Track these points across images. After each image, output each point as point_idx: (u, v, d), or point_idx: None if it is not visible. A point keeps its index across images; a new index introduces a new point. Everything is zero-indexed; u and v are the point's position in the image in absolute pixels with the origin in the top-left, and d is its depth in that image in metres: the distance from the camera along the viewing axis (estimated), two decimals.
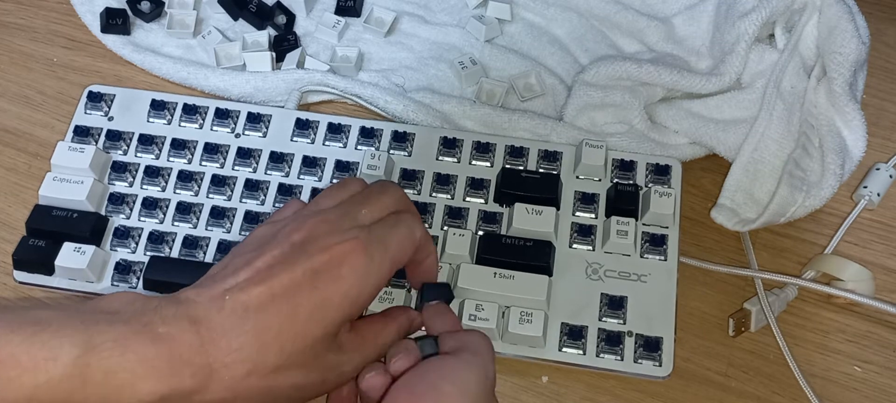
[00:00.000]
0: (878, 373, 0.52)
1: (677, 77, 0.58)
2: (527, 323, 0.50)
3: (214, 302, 0.39)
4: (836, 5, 0.56)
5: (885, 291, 0.55)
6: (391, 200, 0.46)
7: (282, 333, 0.40)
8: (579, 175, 0.56)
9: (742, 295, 0.54)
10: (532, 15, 0.66)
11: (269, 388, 0.40)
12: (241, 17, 0.66)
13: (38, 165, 0.60)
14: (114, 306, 0.39)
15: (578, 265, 0.53)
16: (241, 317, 0.39)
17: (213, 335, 0.38)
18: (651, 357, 0.50)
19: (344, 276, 0.41)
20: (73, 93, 0.63)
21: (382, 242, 0.43)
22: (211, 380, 0.38)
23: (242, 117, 0.59)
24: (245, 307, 0.39)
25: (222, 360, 0.38)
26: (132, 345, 0.37)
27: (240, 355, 0.39)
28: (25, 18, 0.67)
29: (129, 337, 0.37)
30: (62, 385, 0.36)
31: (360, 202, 0.45)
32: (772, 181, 0.55)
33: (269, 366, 0.39)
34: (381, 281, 0.43)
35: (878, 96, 0.62)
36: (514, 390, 0.52)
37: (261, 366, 0.39)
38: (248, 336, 0.39)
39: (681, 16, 0.63)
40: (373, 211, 0.45)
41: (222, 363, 0.38)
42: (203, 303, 0.39)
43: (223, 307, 0.39)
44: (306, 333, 0.40)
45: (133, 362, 0.37)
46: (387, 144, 0.58)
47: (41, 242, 0.54)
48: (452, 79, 0.63)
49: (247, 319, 0.39)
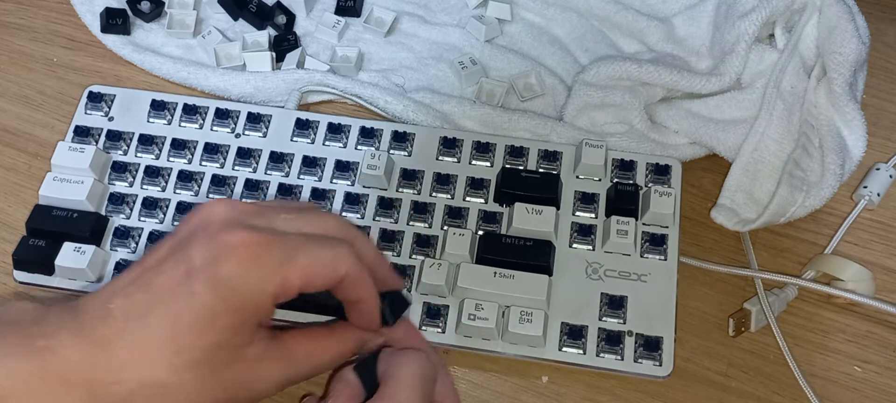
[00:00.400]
0: (878, 373, 0.52)
1: (677, 77, 0.58)
2: (527, 322, 0.50)
3: (101, 310, 0.36)
4: (836, 5, 0.56)
5: (885, 291, 0.55)
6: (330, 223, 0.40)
7: (167, 344, 0.35)
8: (579, 175, 0.56)
9: (742, 295, 0.54)
10: (532, 15, 0.66)
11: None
12: (241, 17, 0.66)
13: (38, 165, 0.60)
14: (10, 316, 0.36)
15: (578, 265, 0.53)
16: (122, 328, 0.35)
17: (95, 349, 0.35)
18: (651, 357, 0.50)
19: (225, 277, 0.35)
20: (73, 93, 0.63)
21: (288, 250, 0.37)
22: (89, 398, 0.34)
23: (242, 117, 0.59)
24: (126, 316, 0.35)
25: (104, 378, 0.34)
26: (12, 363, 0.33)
27: (123, 374, 0.35)
28: (25, 18, 0.67)
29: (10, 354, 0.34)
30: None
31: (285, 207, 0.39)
32: (772, 181, 0.55)
33: (157, 383, 0.35)
34: (275, 291, 0.36)
35: (878, 96, 0.62)
36: (514, 390, 0.52)
37: (149, 386, 0.35)
38: (131, 349, 0.35)
39: (681, 16, 0.63)
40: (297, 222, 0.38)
41: (105, 381, 0.34)
42: (91, 311, 0.36)
43: (108, 315, 0.35)
44: (194, 344, 0.35)
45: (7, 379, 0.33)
46: (387, 144, 0.58)
47: (41, 242, 0.54)
48: (452, 79, 0.63)
49: (129, 330, 0.35)
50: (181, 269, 0.36)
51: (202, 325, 0.35)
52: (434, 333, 0.51)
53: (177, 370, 0.35)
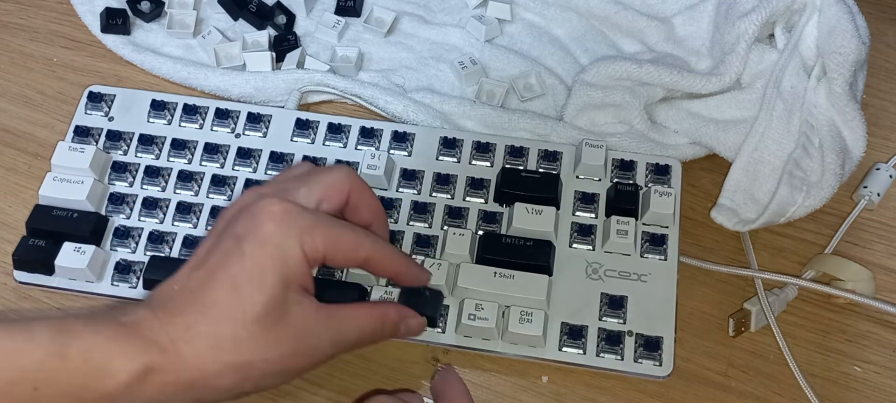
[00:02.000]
0: (878, 373, 0.52)
1: (677, 77, 0.58)
2: (527, 322, 0.50)
3: (168, 291, 0.42)
4: (836, 5, 0.56)
5: (885, 291, 0.55)
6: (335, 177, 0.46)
7: (229, 306, 0.41)
8: (579, 175, 0.56)
9: (742, 295, 0.54)
10: (532, 15, 0.66)
11: (237, 366, 0.41)
12: (241, 17, 0.66)
13: (38, 165, 0.60)
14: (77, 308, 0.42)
15: (578, 264, 0.53)
16: (191, 299, 0.41)
17: (170, 317, 0.40)
18: (651, 357, 0.50)
19: (266, 236, 0.42)
20: (73, 93, 0.63)
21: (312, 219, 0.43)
22: (178, 357, 0.40)
23: (242, 117, 0.59)
24: (191, 290, 0.41)
25: (182, 336, 0.40)
26: (102, 329, 0.39)
27: (196, 330, 0.40)
28: (25, 18, 0.67)
29: (98, 322, 0.40)
30: (44, 365, 0.38)
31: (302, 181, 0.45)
32: (772, 181, 0.55)
33: (228, 338, 0.40)
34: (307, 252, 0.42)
35: (878, 96, 0.62)
36: (514, 390, 0.52)
37: (221, 340, 0.40)
38: (199, 313, 0.41)
39: (681, 16, 0.63)
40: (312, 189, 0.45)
41: (183, 339, 0.40)
42: (160, 295, 0.42)
43: (174, 294, 0.42)
44: (253, 299, 0.41)
45: (105, 341, 0.39)
46: (387, 144, 0.58)
47: (41, 242, 0.54)
48: (452, 79, 0.63)
49: (194, 300, 0.41)
50: (230, 243, 0.42)
51: (256, 281, 0.41)
52: (434, 333, 0.51)
53: (243, 324, 0.41)
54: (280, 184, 0.45)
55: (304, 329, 0.43)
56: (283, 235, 0.42)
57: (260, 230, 0.42)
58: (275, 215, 0.42)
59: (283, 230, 0.42)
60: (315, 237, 0.42)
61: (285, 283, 0.42)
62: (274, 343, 0.42)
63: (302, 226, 0.42)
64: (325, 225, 0.43)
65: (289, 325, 0.42)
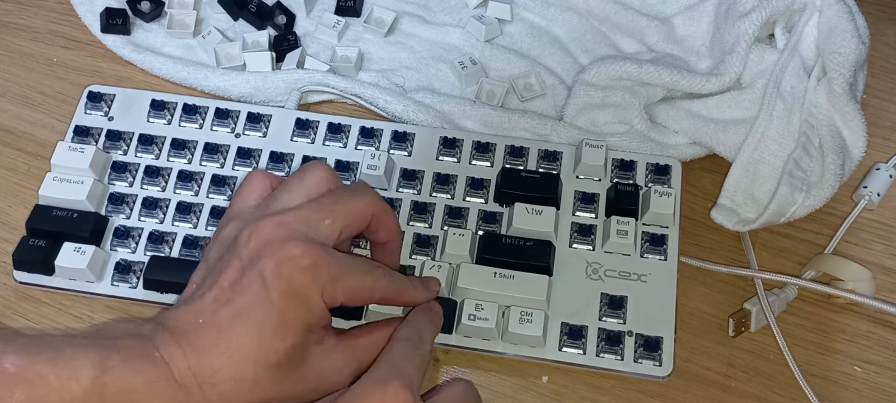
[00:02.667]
0: (878, 373, 0.52)
1: (677, 77, 0.58)
2: (527, 322, 0.50)
3: (192, 326, 0.42)
4: (836, 5, 0.56)
5: (885, 291, 0.55)
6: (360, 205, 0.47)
7: (254, 349, 0.42)
8: (579, 175, 0.56)
9: (742, 295, 0.54)
10: (532, 15, 0.66)
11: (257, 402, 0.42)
12: (241, 17, 0.66)
13: (38, 165, 0.60)
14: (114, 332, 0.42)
15: (578, 264, 0.53)
16: (214, 340, 0.42)
17: (197, 357, 0.41)
18: (651, 357, 0.50)
19: (295, 287, 0.42)
20: (73, 93, 0.63)
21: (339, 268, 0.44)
22: (202, 398, 0.41)
23: (242, 117, 0.59)
24: (217, 329, 0.42)
25: (208, 380, 0.41)
26: (139, 367, 0.40)
27: (221, 375, 0.41)
28: (25, 18, 0.67)
29: (135, 360, 0.40)
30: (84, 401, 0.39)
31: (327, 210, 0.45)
32: (772, 181, 0.55)
33: (248, 380, 0.42)
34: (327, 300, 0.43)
35: (878, 96, 0.62)
36: (513, 390, 0.52)
37: (242, 382, 0.42)
38: (225, 356, 0.41)
39: (681, 16, 0.63)
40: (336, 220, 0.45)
41: (209, 382, 0.41)
42: (183, 330, 0.42)
43: (199, 331, 0.42)
44: (276, 347, 0.42)
45: (142, 382, 0.40)
46: (387, 144, 0.58)
47: (41, 242, 0.54)
48: (452, 79, 0.63)
49: (220, 340, 0.42)
50: (256, 285, 0.42)
51: (282, 330, 0.42)
52: None
53: (265, 368, 0.42)
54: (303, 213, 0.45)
55: (323, 367, 0.44)
56: (308, 286, 0.42)
57: (289, 280, 0.42)
58: (304, 267, 0.42)
59: (308, 281, 0.42)
60: (336, 287, 0.43)
61: (308, 330, 0.43)
62: (292, 384, 0.43)
63: (327, 276, 0.43)
64: (348, 277, 0.44)
65: (308, 367, 0.44)
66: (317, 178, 0.47)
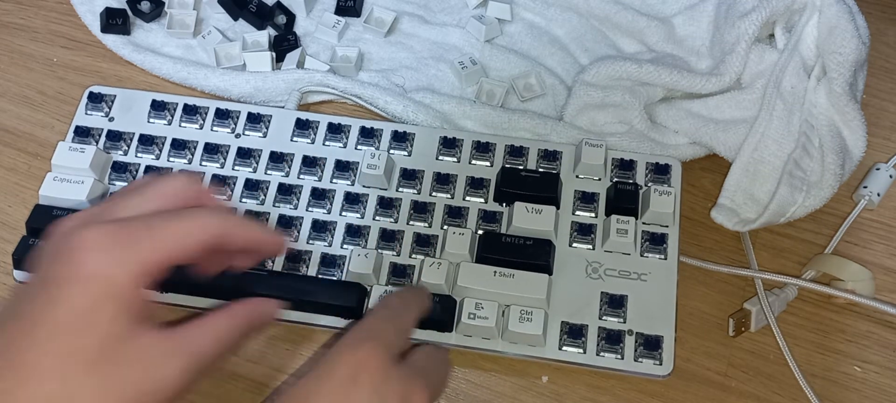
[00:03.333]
0: (878, 373, 0.52)
1: (677, 77, 0.58)
2: (527, 321, 0.50)
3: None
4: (836, 5, 0.56)
5: (885, 291, 0.55)
6: (171, 188, 0.40)
7: (53, 356, 0.35)
8: (579, 174, 0.56)
9: (742, 295, 0.54)
10: (532, 15, 0.66)
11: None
12: (241, 17, 0.66)
13: (38, 165, 0.60)
14: None
15: (578, 264, 0.53)
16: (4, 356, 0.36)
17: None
18: (651, 356, 0.50)
19: (86, 274, 0.36)
20: (73, 93, 0.63)
21: (137, 231, 0.37)
22: None
23: (242, 117, 0.59)
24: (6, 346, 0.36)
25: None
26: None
27: (20, 393, 0.35)
28: (25, 18, 0.67)
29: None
30: None
31: (126, 193, 0.40)
32: (772, 181, 0.55)
33: (57, 395, 0.35)
34: (137, 273, 0.37)
35: (878, 96, 0.62)
36: (513, 389, 0.52)
37: (49, 397, 0.35)
38: (19, 371, 0.35)
39: (681, 16, 0.63)
40: (144, 203, 0.39)
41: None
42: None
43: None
44: (79, 346, 0.36)
45: None
46: (387, 144, 0.58)
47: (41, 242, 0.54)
48: (452, 79, 0.63)
49: (13, 354, 0.35)
50: (51, 287, 0.36)
51: (80, 325, 0.36)
52: (434, 332, 0.51)
53: (71, 377, 0.35)
54: (103, 205, 0.40)
55: (145, 368, 0.37)
56: (103, 267, 0.36)
57: (78, 268, 0.36)
58: (90, 246, 0.36)
59: (102, 260, 0.36)
60: (146, 253, 0.37)
61: (114, 320, 0.36)
62: (108, 392, 0.36)
63: (126, 248, 0.37)
64: (156, 232, 0.37)
65: (126, 369, 0.36)
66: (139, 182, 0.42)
